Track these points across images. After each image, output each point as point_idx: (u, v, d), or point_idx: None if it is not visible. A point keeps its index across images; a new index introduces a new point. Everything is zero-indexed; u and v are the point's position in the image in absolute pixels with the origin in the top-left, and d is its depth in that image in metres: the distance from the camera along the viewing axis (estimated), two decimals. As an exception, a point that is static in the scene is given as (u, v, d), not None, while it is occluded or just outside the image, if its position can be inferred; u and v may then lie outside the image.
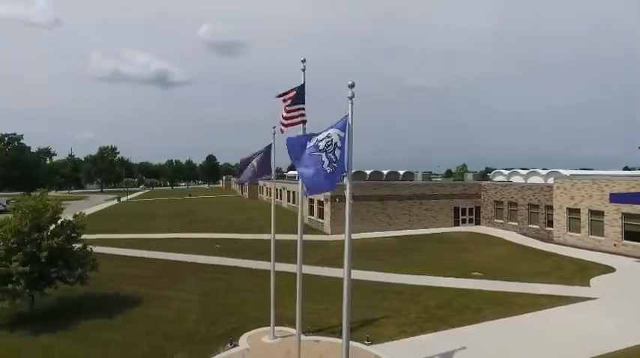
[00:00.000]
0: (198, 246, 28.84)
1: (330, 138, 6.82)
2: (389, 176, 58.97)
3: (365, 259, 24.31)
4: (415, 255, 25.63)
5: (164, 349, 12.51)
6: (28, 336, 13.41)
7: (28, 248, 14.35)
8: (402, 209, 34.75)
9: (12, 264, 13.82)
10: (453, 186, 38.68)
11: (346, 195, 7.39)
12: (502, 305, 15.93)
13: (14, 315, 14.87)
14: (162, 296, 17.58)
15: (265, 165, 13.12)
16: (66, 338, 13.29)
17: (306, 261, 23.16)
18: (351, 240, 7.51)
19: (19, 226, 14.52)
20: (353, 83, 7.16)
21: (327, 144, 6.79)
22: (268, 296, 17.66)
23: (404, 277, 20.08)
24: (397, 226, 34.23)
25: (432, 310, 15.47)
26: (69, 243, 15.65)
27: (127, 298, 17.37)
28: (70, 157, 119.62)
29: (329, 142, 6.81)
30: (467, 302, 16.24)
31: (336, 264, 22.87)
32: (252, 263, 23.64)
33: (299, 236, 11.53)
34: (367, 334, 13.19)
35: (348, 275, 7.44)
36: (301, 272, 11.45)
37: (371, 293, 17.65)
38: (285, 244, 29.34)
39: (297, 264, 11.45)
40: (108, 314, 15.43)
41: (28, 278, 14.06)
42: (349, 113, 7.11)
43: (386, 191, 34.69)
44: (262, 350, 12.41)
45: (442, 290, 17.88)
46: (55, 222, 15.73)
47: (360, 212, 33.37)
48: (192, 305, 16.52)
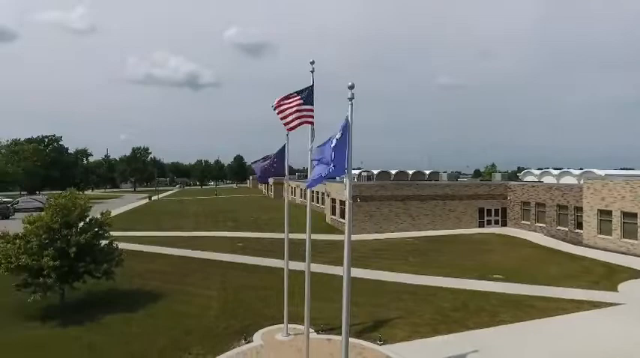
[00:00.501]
0: (222, 244, 29.55)
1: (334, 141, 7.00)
2: (415, 176, 58.38)
3: (383, 259, 24.28)
4: (435, 255, 25.33)
5: (181, 343, 12.98)
6: (58, 328, 14.22)
7: (59, 243, 15.19)
8: (425, 209, 34.36)
9: (43, 259, 14.68)
10: (477, 186, 37.86)
11: (346, 194, 7.52)
12: (521, 308, 15.58)
13: (46, 308, 15.76)
14: (184, 292, 18.19)
15: (279, 165, 13.41)
16: (92, 331, 14.00)
17: (323, 260, 23.57)
18: (350, 239, 7.61)
19: (51, 223, 15.41)
20: (352, 84, 7.28)
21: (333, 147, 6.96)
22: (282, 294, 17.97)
23: (421, 278, 19.93)
24: (419, 227, 33.88)
25: (446, 312, 15.31)
26: (96, 240, 16.47)
27: (150, 293, 18.07)
28: (106, 158, 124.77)
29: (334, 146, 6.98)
30: (484, 305, 15.97)
31: (355, 264, 22.58)
32: (271, 261, 24.03)
33: (307, 234, 11.72)
34: (380, 334, 13.22)
35: (348, 273, 7.55)
36: (309, 271, 11.69)
37: (386, 293, 17.65)
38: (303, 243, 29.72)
39: (306, 262, 11.66)
40: (132, 308, 16.14)
41: (59, 273, 14.91)
42: (349, 114, 7.24)
43: (408, 191, 34.39)
44: (275, 347, 12.68)
45: (459, 292, 17.64)
46: (83, 220, 16.58)
47: (382, 212, 33.29)
48: (211, 302, 17.02)
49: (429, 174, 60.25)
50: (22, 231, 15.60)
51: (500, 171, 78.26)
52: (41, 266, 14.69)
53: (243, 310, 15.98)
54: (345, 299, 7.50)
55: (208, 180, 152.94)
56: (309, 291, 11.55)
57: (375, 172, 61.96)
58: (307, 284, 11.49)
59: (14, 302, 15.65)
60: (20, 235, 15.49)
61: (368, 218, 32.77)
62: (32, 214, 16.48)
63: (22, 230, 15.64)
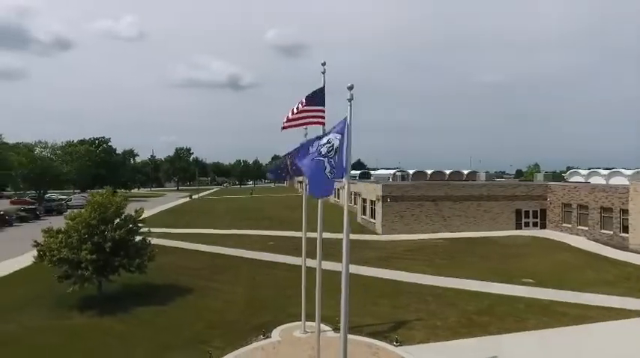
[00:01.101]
0: (254, 242, 30.31)
1: (330, 143, 7.11)
2: (452, 176, 56.97)
3: (410, 260, 24.00)
4: (465, 257, 24.70)
5: (204, 336, 13.55)
6: (94, 317, 15.25)
7: (96, 238, 16.25)
8: (457, 210, 33.49)
9: (82, 253, 15.79)
10: (514, 186, 36.37)
11: (344, 195, 7.61)
12: (549, 315, 14.95)
13: (85, 298, 16.91)
14: (212, 288, 18.90)
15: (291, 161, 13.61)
16: (124, 321, 14.91)
17: (351, 260, 23.55)
18: (349, 238, 7.70)
19: (89, 219, 16.54)
20: (352, 85, 7.38)
21: (328, 150, 7.08)
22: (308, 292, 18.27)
23: (447, 280, 19.54)
24: (452, 228, 33.09)
25: (470, 315, 14.97)
26: (130, 236, 17.49)
27: (181, 288, 18.91)
28: (152, 158, 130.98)
29: (330, 148, 7.09)
30: (510, 310, 15.46)
31: (381, 264, 22.88)
32: (300, 260, 24.37)
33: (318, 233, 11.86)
34: (397, 335, 13.16)
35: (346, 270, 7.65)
36: (321, 268, 11.81)
37: (409, 294, 17.49)
38: (335, 243, 29.88)
39: (317, 260, 11.80)
40: (163, 301, 17.00)
41: (95, 266, 15.96)
42: (348, 115, 7.34)
43: (440, 191, 33.67)
44: (291, 343, 12.95)
45: (485, 296, 17.17)
46: (119, 217, 17.65)
47: (413, 212, 32.83)
48: (237, 297, 17.59)
49: (467, 174, 58.56)
50: (65, 227, 16.87)
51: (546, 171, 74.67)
52: (80, 259, 15.80)
53: (267, 307, 16.39)
54: (344, 296, 7.59)
55: (247, 179, 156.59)
56: (320, 290, 11.71)
57: (411, 172, 61.01)
58: (318, 282, 11.65)
59: (57, 292, 16.90)
60: (63, 230, 16.73)
61: (398, 218, 32.43)
62: (73, 211, 17.77)
63: (64, 225, 16.91)
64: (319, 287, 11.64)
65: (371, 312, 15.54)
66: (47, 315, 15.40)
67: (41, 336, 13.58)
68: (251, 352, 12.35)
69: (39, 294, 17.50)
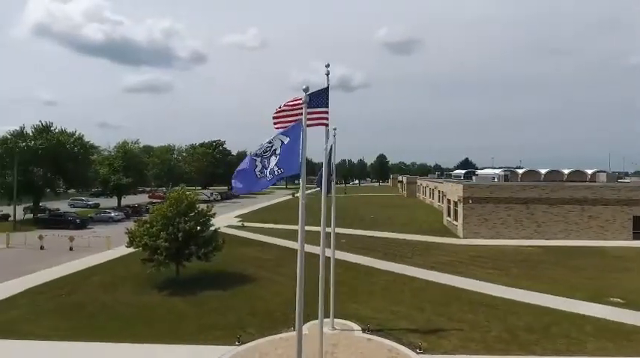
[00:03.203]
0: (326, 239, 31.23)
1: (270, 144, 7.46)
2: (571, 176, 50.23)
3: (483, 268, 22.28)
4: (551, 269, 21.92)
5: (244, 321, 14.81)
6: (166, 296, 17.74)
7: (170, 229, 18.86)
8: (555, 215, 29.57)
9: (159, 241, 18.52)
10: (631, 189, 30.53)
11: (300, 196, 7.87)
12: (618, 341, 12.69)
13: (165, 280, 19.66)
14: (270, 279, 20.28)
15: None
16: (186, 301, 17.05)
17: (418, 263, 22.91)
18: (303, 240, 7.89)
19: (166, 212, 19.26)
20: (307, 86, 7.62)
21: (264, 151, 7.44)
22: (358, 291, 18.51)
23: (514, 291, 17.76)
24: (547, 235, 29.37)
25: (517, 331, 13.53)
26: (201, 227, 19.81)
27: (245, 277, 20.71)
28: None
29: (267, 148, 7.44)
30: (570, 331, 13.53)
31: (447, 269, 21.75)
32: (362, 259, 24.53)
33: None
34: (426, 343, 12.66)
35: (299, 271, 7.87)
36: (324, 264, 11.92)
37: (460, 303, 16.46)
38: (402, 243, 29.15)
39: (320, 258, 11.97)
40: (224, 287, 18.89)
41: (168, 253, 18.57)
42: (302, 119, 7.59)
43: (533, 193, 30.10)
44: (314, 338, 13.28)
45: (549, 312, 15.24)
46: (193, 211, 20.11)
47: (500, 216, 30.11)
48: (287, 290, 18.52)
49: (592, 175, 50.87)
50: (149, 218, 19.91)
51: None
52: (157, 246, 18.54)
53: (309, 301, 16.96)
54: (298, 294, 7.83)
55: (352, 178, 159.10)
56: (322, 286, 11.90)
57: (520, 172, 55.41)
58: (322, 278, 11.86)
59: (146, 274, 19.94)
60: (147, 221, 19.78)
61: (482, 222, 30.02)
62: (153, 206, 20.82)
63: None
64: (322, 284, 11.82)
65: (410, 317, 15.11)
66: (133, 291, 18.42)
67: (123, 306, 16.43)
68: (274, 341, 13.15)
69: (134, 274, 20.87)
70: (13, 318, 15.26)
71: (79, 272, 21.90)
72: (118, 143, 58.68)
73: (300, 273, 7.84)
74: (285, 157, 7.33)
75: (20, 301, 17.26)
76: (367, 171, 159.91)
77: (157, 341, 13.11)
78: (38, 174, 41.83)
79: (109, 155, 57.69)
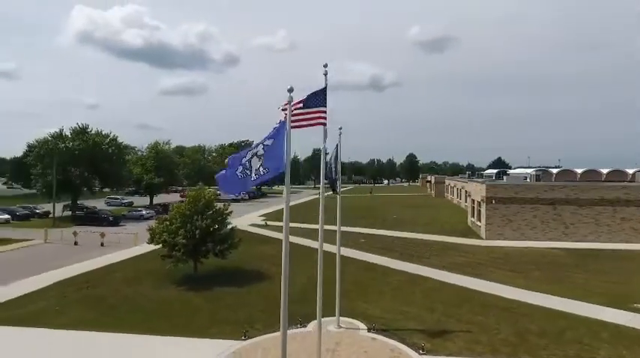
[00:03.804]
0: (347, 238, 31.22)
1: (256, 148, 7.65)
2: (610, 176, 47.91)
3: (501, 270, 21.74)
4: (574, 272, 21.06)
5: (254, 317, 15.14)
6: (182, 291, 18.39)
7: (188, 226, 19.54)
8: (585, 216, 28.28)
9: (177, 237, 19.23)
10: (668, 190, 28.71)
11: (284, 194, 8.04)
12: (635, 349, 12.13)
13: (184, 276, 20.36)
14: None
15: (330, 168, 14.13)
16: (202, 297, 17.62)
17: (433, 263, 22.63)
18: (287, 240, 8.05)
19: (184, 210, 19.96)
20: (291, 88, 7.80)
21: (251, 155, 7.64)
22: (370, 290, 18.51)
23: (530, 295, 17.23)
24: (575, 237, 28.14)
25: (527, 335, 13.17)
26: (218, 225, 20.37)
27: (260, 274, 21.12)
28: (294, 158, 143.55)
29: (254, 153, 7.63)
30: (584, 336, 13.02)
31: (464, 270, 21.36)
32: (380, 258, 24.46)
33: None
34: (430, 344, 12.57)
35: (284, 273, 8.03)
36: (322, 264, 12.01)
37: (472, 305, 16.20)
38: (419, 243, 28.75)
39: (319, 257, 12.05)
40: (240, 284, 19.36)
41: (185, 249, 19.25)
42: (286, 120, 7.76)
43: (560, 193, 28.89)
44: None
45: (564, 317, 14.71)
46: (210, 209, 20.72)
47: (525, 217, 29.14)
48: (298, 288, 18.77)
49: (632, 175, 48.23)
50: (169, 216, 20.69)
51: None
52: (175, 243, 19.26)
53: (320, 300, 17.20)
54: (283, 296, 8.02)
55: (381, 178, 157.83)
56: (320, 283, 12.00)
57: (554, 171, 53.35)
58: (320, 277, 11.97)
59: (166, 270, 20.72)
60: (167, 218, 20.57)
61: (506, 223, 29.13)
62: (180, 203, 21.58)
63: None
64: (320, 283, 11.91)
65: (419, 317, 15.00)
66: (153, 286, 19.21)
67: (143, 300, 17.19)
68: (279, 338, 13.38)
69: (155, 270, 21.73)
70: (42, 309, 16.29)
71: (105, 267, 23.05)
72: (150, 144, 60.97)
73: (285, 274, 8.04)
74: (270, 157, 7.54)
75: (50, 293, 18.39)
76: (397, 170, 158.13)
77: (169, 333, 13.66)
78: (75, 173, 44.13)
79: (142, 155, 60.03)
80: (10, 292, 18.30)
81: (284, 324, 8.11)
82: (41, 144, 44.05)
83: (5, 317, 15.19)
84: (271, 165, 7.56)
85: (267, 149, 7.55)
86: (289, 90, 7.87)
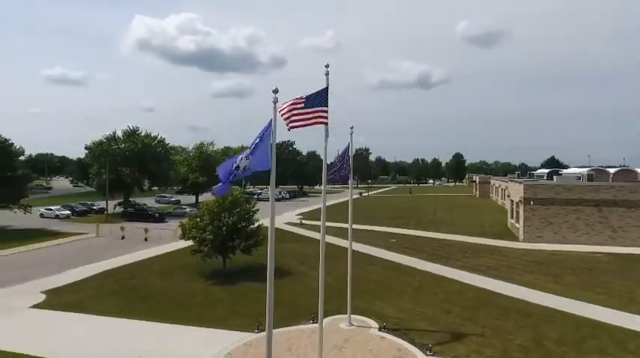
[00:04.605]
0: (377, 238, 31.13)
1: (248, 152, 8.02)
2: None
3: (532, 273, 20.83)
4: (614, 279, 19.70)
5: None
6: (209, 285, 19.29)
7: (216, 223, 20.48)
8: (635, 219, 26.18)
9: (205, 233, 20.21)
10: None
11: (269, 195, 8.35)
12: (663, 361, 11.19)
13: (213, 271, 21.29)
14: (308, 275, 20.93)
15: (342, 165, 14.32)
16: (225, 291, 18.41)
17: (461, 265, 22.03)
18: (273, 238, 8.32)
19: (212, 207, 20.92)
20: (276, 89, 8.10)
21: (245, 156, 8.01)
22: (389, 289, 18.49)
23: (560, 300, 16.42)
24: (624, 241, 26.13)
25: (546, 341, 12.61)
26: (244, 223, 21.14)
27: (285, 271, 21.59)
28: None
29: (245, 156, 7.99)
30: (608, 346, 12.26)
31: (491, 273, 20.75)
32: (406, 259, 24.20)
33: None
34: (439, 345, 12.43)
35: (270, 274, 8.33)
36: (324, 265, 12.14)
37: (492, 309, 15.74)
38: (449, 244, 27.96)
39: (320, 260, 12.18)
40: (263, 280, 19.61)
41: (213, 245, 20.18)
42: (273, 118, 8.08)
43: (607, 194, 26.91)
44: (329, 332, 13.66)
45: (589, 324, 13.90)
46: (237, 207, 21.54)
47: (567, 219, 27.51)
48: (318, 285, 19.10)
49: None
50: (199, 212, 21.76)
51: None
52: (203, 238, 20.26)
53: (337, 297, 17.38)
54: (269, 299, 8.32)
55: (426, 178, 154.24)
56: (322, 282, 12.15)
57: (612, 171, 49.71)
58: (321, 276, 12.14)
59: (197, 264, 21.76)
60: (197, 215, 21.65)
61: (545, 225, 27.61)
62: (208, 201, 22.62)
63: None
64: (322, 283, 12.07)
65: (434, 319, 14.80)
66: (183, 279, 20.32)
67: (171, 292, 18.29)
68: (291, 332, 13.81)
69: (187, 264, 22.91)
70: (83, 296, 17.81)
71: (144, 260, 24.64)
72: (195, 145, 63.85)
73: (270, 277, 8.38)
74: (256, 154, 7.89)
75: (92, 283, 20.02)
76: (442, 170, 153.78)
77: (189, 323, 14.46)
78: (126, 173, 47.34)
79: (188, 156, 63.03)
80: (62, 280, 20.20)
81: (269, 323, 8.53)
82: (96, 146, 47.67)
83: (56, 303, 16.77)
84: (256, 162, 7.90)
85: (254, 147, 7.92)
86: (274, 91, 8.18)
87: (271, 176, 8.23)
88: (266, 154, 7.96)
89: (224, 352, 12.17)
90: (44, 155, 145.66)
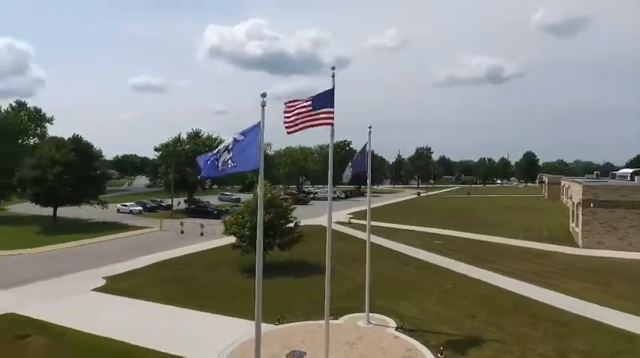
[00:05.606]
0: (422, 239, 30.57)
1: (227, 143, 8.67)
2: None
3: (579, 281, 19.46)
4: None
5: (294, 307, 16.29)
6: (245, 279, 20.36)
7: (254, 220, 21.66)
8: None
9: (244, 230, 21.47)
10: None
11: (259, 189, 8.93)
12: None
13: (252, 265, 22.39)
14: (340, 272, 21.23)
15: (359, 163, 14.57)
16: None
17: (500, 269, 21.10)
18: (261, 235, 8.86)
19: (251, 205, 22.14)
20: (264, 93, 8.68)
21: (223, 148, 8.66)
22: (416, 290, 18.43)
23: (599, 310, 15.31)
24: None
25: (571, 353, 11.90)
26: (281, 220, 22.13)
27: (320, 268, 21.86)
28: (398, 157, 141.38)
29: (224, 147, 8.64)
30: (642, 361, 11.20)
31: (532, 279, 19.73)
32: (447, 261, 23.66)
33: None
34: (451, 349, 12.27)
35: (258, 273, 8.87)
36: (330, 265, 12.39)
37: (520, 315, 15.11)
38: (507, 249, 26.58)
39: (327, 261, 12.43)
40: (297, 275, 20.77)
41: (251, 241, 21.36)
42: (261, 120, 8.64)
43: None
44: (347, 329, 14.01)
45: (626, 338, 12.87)
46: (273, 206, 22.51)
47: (633, 224, 24.92)
48: (347, 283, 19.43)
49: None
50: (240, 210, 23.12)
51: None
52: (242, 234, 21.53)
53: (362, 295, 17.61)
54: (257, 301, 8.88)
55: (494, 178, 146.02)
56: (329, 282, 12.42)
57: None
58: (327, 275, 12.41)
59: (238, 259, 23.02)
60: (239, 212, 23.02)
61: (608, 230, 25.22)
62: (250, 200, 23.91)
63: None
64: (328, 282, 12.36)
65: (456, 322, 14.54)
66: (226, 272, 21.74)
67: (212, 283, 19.77)
68: (309, 326, 14.34)
69: (231, 259, 24.24)
70: (137, 284, 19.81)
71: (196, 253, 26.66)
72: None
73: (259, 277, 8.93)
74: (239, 154, 8.50)
75: (147, 272, 22.17)
76: (511, 170, 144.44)
77: (219, 312, 15.60)
78: (190, 172, 51.04)
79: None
80: (122, 268, 22.67)
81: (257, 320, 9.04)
82: (163, 147, 51.95)
83: (113, 288, 18.94)
84: (239, 162, 8.50)
85: (236, 144, 8.54)
86: (262, 95, 8.75)
87: (259, 177, 8.84)
88: (253, 155, 8.57)
89: (240, 341, 13.04)
90: (129, 156, 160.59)
